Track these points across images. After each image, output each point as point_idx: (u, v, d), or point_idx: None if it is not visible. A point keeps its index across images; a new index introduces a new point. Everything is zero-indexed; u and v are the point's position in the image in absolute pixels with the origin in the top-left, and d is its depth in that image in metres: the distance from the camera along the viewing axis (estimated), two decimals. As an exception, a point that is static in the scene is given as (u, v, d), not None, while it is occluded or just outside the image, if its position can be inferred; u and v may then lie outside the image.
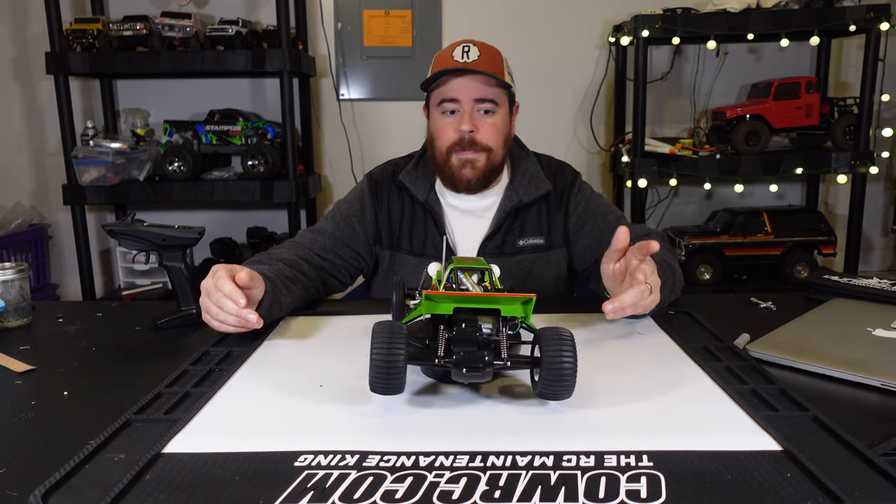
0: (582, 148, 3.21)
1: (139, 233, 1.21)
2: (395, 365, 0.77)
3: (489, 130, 1.38)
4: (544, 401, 0.86)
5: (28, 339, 1.17)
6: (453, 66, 1.34)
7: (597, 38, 3.13)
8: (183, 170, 2.77)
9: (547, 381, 0.79)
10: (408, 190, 1.47)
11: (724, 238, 2.87)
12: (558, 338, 0.80)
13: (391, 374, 0.78)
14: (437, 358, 0.81)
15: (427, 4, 3.09)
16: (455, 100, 1.37)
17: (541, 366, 0.80)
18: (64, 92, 2.73)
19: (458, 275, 0.92)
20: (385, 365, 0.77)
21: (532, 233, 1.47)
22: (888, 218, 3.30)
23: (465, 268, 0.92)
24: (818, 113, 2.84)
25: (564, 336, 0.80)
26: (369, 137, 3.20)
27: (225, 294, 1.04)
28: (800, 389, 0.88)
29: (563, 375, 0.79)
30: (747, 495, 0.63)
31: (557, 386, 0.79)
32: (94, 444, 0.74)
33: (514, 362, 0.83)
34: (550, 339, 0.80)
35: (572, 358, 0.79)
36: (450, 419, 0.81)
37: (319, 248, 1.42)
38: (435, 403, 0.86)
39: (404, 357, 0.78)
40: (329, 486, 0.66)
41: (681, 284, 1.29)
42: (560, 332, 0.81)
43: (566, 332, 0.81)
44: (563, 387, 0.80)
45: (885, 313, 1.16)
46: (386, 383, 0.78)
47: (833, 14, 2.64)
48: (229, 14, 2.91)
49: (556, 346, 0.79)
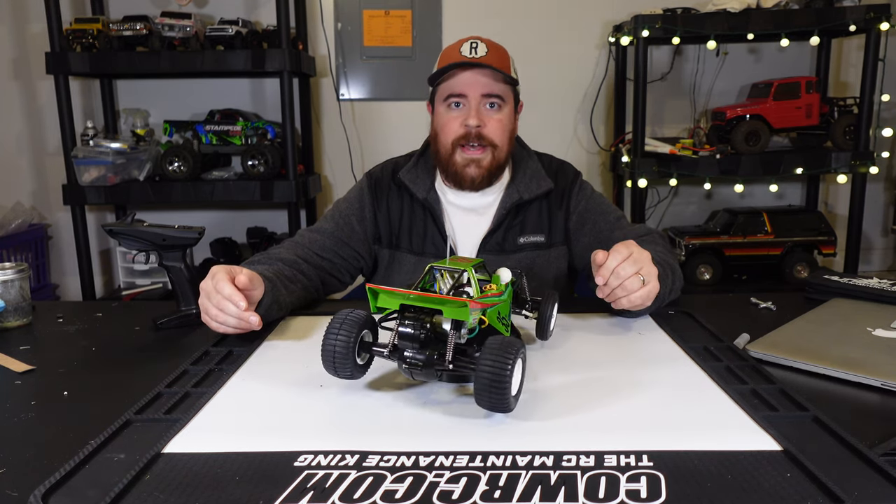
0: (582, 148, 3.21)
1: (139, 233, 1.21)
2: (340, 350, 0.83)
3: (496, 126, 1.38)
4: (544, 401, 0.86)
5: (28, 339, 1.17)
6: (462, 60, 1.34)
7: (597, 38, 3.13)
8: (183, 170, 2.77)
9: (477, 390, 0.77)
10: (407, 188, 1.47)
11: (724, 238, 2.87)
12: (497, 348, 0.76)
13: (337, 358, 0.83)
14: (388, 351, 0.85)
15: (427, 4, 3.09)
16: (462, 94, 1.37)
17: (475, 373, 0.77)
18: (64, 92, 2.73)
19: (435, 273, 0.93)
20: (330, 348, 0.83)
21: (533, 230, 1.46)
22: (888, 218, 3.30)
23: (443, 267, 0.93)
24: (818, 113, 2.84)
25: (504, 347, 0.76)
26: (369, 137, 3.19)
27: (225, 297, 1.04)
28: (800, 389, 0.88)
29: (491, 386, 0.75)
30: (747, 495, 0.63)
31: (485, 396, 0.76)
32: (94, 444, 0.74)
33: (457, 366, 0.82)
34: (489, 347, 0.77)
35: (503, 370, 0.75)
36: (450, 419, 0.81)
37: (319, 247, 1.42)
38: (435, 403, 0.86)
39: (350, 343, 0.83)
40: (329, 486, 0.66)
41: (681, 284, 1.29)
42: (505, 342, 0.77)
43: (512, 344, 0.77)
44: (492, 398, 0.76)
45: (885, 313, 1.16)
46: (333, 366, 0.84)
47: (833, 14, 2.64)
48: (229, 14, 2.91)
49: (491, 355, 0.76)
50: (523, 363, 0.82)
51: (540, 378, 0.94)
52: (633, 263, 1.08)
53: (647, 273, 1.09)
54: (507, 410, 0.78)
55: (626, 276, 1.07)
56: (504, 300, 0.94)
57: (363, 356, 0.88)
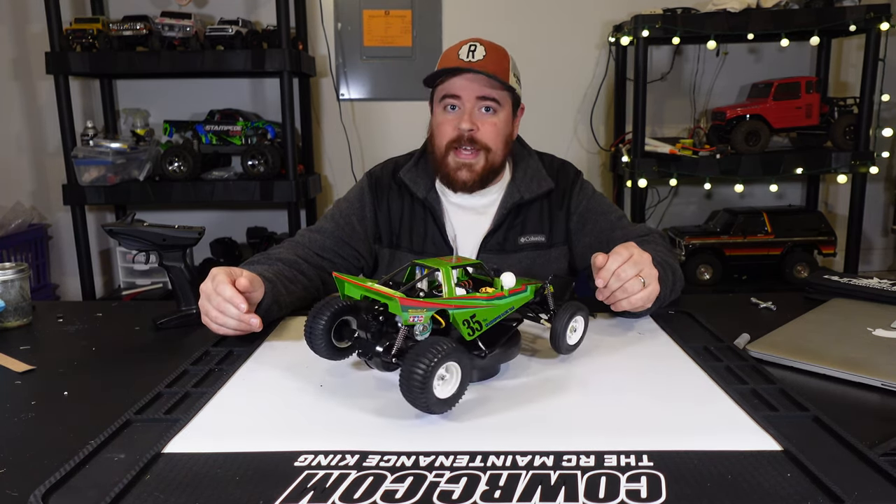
0: (582, 148, 3.21)
1: (139, 233, 1.21)
2: (314, 329, 0.92)
3: (489, 129, 1.38)
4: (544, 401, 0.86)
5: (28, 339, 1.17)
6: (457, 64, 1.34)
7: (597, 38, 3.13)
8: (183, 170, 2.77)
9: (399, 386, 0.78)
10: (408, 188, 1.47)
11: (724, 238, 2.87)
12: (420, 350, 0.77)
13: (312, 335, 0.92)
14: (353, 338, 0.92)
15: (427, 4, 3.09)
16: (457, 96, 1.37)
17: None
18: (64, 92, 2.73)
19: (416, 270, 0.95)
20: (308, 327, 0.92)
21: (533, 230, 1.46)
22: (888, 218, 3.30)
23: (424, 265, 0.93)
24: (818, 113, 2.84)
25: (425, 350, 0.77)
26: (369, 137, 3.19)
27: (226, 299, 1.04)
28: (800, 389, 0.88)
29: (409, 384, 0.77)
30: (747, 495, 0.63)
31: (404, 393, 0.78)
32: (94, 444, 0.74)
33: (398, 361, 0.83)
34: (415, 348, 0.78)
35: (419, 370, 0.76)
36: (450, 419, 0.81)
37: (319, 247, 1.42)
38: (435, 403, 0.86)
39: (323, 324, 0.91)
40: (329, 486, 0.66)
41: (681, 284, 1.29)
42: (432, 344, 0.77)
43: (437, 349, 0.77)
44: (409, 396, 0.78)
45: (885, 313, 1.16)
46: (310, 341, 0.93)
47: (833, 14, 2.64)
48: (229, 14, 2.91)
49: (413, 355, 0.77)
50: (463, 370, 0.80)
51: (540, 378, 0.94)
52: (634, 265, 1.08)
53: (647, 275, 1.09)
54: (427, 411, 0.79)
55: (627, 279, 1.08)
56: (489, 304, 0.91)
57: (344, 341, 0.95)
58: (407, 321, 0.82)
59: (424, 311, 0.83)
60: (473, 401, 0.86)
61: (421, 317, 0.83)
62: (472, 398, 0.87)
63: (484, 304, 0.90)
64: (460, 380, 0.81)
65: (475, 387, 0.91)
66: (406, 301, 0.82)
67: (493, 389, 0.91)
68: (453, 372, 0.80)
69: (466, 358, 0.81)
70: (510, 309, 0.95)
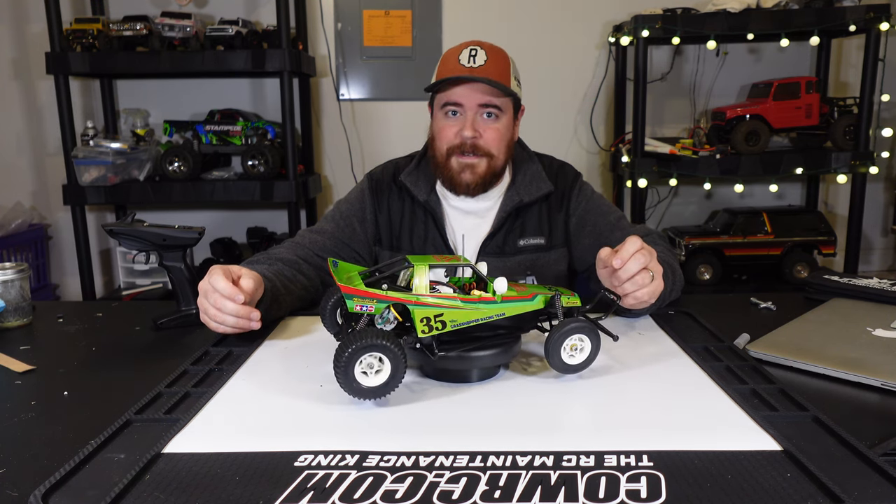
0: (582, 148, 3.21)
1: (139, 233, 1.21)
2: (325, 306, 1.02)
3: (492, 136, 1.37)
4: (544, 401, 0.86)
5: (28, 339, 1.17)
6: (459, 71, 1.32)
7: (597, 39, 3.12)
8: (183, 170, 2.77)
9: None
10: (408, 190, 1.47)
11: (724, 238, 2.87)
12: (350, 337, 0.82)
13: (323, 311, 1.03)
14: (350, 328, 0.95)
15: (427, 4, 3.09)
16: (458, 104, 1.36)
17: None
18: (64, 92, 2.72)
19: (406, 265, 0.95)
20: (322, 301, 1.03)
21: (533, 233, 1.46)
22: (888, 218, 3.30)
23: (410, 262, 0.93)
24: (818, 113, 2.84)
25: (354, 337, 0.81)
26: (369, 137, 3.19)
27: (222, 294, 1.03)
28: (800, 389, 0.88)
29: (335, 367, 0.82)
30: (747, 495, 0.63)
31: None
32: (94, 444, 0.74)
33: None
34: (347, 336, 0.83)
35: (341, 356, 0.81)
36: (450, 419, 0.81)
37: (319, 248, 1.42)
38: (435, 403, 0.86)
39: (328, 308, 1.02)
40: (329, 486, 0.66)
41: (681, 284, 1.29)
42: (364, 333, 0.82)
43: (362, 338, 0.81)
44: (336, 377, 0.83)
45: (885, 313, 1.16)
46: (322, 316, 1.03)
47: (833, 14, 2.63)
48: (229, 14, 2.91)
49: (342, 342, 0.82)
50: (393, 363, 0.83)
51: (540, 378, 0.94)
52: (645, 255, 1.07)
53: (654, 269, 1.08)
54: (354, 395, 0.83)
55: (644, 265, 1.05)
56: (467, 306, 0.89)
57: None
58: (352, 309, 0.86)
59: (374, 303, 0.86)
60: (473, 401, 0.86)
61: (371, 307, 0.86)
62: (472, 398, 0.87)
63: (458, 306, 0.89)
64: (391, 372, 0.83)
65: (475, 387, 0.91)
66: (349, 290, 0.86)
67: (494, 389, 0.91)
68: (385, 363, 0.83)
69: (399, 352, 0.83)
70: (499, 315, 0.92)
